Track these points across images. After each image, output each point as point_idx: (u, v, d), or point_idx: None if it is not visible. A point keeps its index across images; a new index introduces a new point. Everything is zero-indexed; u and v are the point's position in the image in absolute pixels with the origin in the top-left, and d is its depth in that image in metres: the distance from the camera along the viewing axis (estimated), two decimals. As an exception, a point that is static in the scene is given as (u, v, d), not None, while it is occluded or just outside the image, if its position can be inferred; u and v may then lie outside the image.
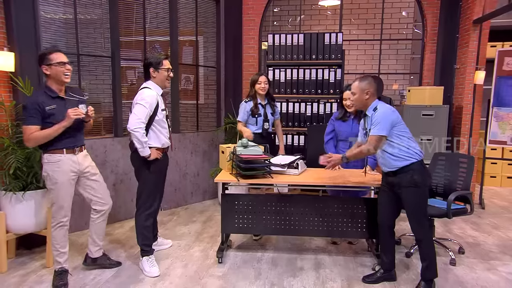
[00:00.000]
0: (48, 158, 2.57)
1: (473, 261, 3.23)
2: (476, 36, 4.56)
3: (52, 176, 2.59)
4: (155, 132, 2.87)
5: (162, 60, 2.86)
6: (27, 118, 2.45)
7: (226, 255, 3.29)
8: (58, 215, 2.67)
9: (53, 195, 2.64)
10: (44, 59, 2.47)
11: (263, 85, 3.65)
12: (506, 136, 4.68)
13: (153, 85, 2.89)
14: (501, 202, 5.19)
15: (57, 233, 2.69)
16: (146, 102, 2.74)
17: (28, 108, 2.45)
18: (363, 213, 3.11)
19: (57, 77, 2.50)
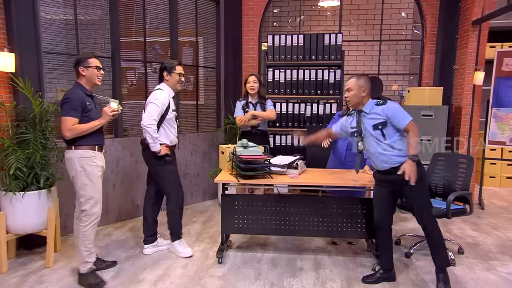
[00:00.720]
0: (83, 153, 2.65)
1: (472, 261, 3.23)
2: (475, 37, 4.56)
3: (89, 171, 2.66)
4: (165, 130, 3.13)
5: (175, 65, 3.14)
6: (70, 110, 2.58)
7: (226, 255, 3.29)
8: (96, 210, 2.71)
9: (88, 191, 2.67)
10: (83, 61, 2.67)
11: (251, 84, 3.88)
12: (505, 137, 4.68)
13: (166, 87, 3.16)
14: (500, 202, 5.20)
15: (91, 232, 2.72)
16: (159, 101, 3.02)
17: (73, 100, 2.58)
18: (362, 213, 3.11)
19: (91, 79, 2.69)
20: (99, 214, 2.74)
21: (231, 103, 5.10)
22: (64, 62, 3.71)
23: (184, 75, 3.22)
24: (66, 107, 2.59)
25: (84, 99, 2.64)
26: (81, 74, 2.67)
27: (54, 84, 3.72)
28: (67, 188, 3.68)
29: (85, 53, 2.76)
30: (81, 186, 2.67)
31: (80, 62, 2.67)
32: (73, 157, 2.65)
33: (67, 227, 3.74)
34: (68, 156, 2.68)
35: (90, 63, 2.67)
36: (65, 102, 2.59)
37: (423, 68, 5.12)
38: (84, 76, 2.68)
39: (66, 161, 2.71)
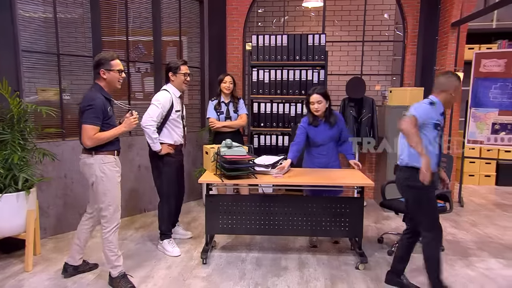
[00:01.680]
0: (104, 158, 2.58)
1: (452, 258, 3.30)
2: (455, 39, 4.66)
3: (110, 176, 2.60)
4: (168, 130, 3.25)
5: (180, 65, 3.21)
6: (92, 118, 2.48)
7: (210, 256, 3.27)
8: (117, 216, 2.67)
9: (109, 197, 2.60)
10: (106, 64, 2.54)
11: (227, 84, 3.94)
12: (483, 136, 4.80)
13: (171, 87, 3.26)
14: (479, 200, 5.33)
15: (114, 237, 2.67)
16: (159, 102, 3.13)
17: (96, 107, 2.48)
18: (346, 212, 3.14)
19: (112, 82, 2.60)
20: (119, 220, 2.69)
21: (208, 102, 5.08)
22: (44, 61, 3.62)
23: (190, 74, 3.28)
24: (88, 114, 2.48)
25: (105, 105, 2.55)
26: (102, 77, 2.57)
27: (34, 84, 3.63)
28: (47, 189, 3.61)
29: (107, 54, 2.58)
30: (102, 192, 2.59)
31: (102, 65, 2.54)
32: (94, 162, 2.57)
33: (48, 230, 3.66)
34: (88, 162, 2.58)
35: (112, 66, 2.55)
36: (88, 108, 2.48)
37: (405, 69, 5.21)
38: (105, 80, 2.57)
39: (85, 167, 2.62)
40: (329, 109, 3.31)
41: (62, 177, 3.72)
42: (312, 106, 3.26)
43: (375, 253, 3.36)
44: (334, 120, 3.32)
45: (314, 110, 3.26)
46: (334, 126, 3.34)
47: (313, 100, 3.24)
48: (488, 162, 6.19)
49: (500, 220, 4.40)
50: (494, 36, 6.33)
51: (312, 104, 3.26)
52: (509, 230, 4.04)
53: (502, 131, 4.69)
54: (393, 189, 3.73)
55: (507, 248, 3.54)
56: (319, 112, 3.26)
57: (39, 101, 3.61)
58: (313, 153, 3.45)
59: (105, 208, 2.62)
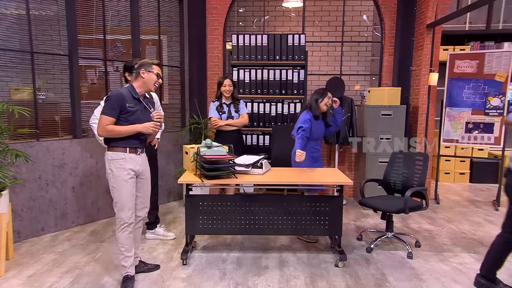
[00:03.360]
0: (112, 155, 2.61)
1: (428, 254, 3.38)
2: (430, 40, 4.78)
3: (116, 174, 2.60)
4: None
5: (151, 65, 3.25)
6: (108, 109, 2.55)
7: (190, 256, 3.25)
8: (122, 215, 2.64)
9: (116, 194, 2.63)
10: (147, 66, 2.67)
11: (227, 88, 3.98)
12: (457, 135, 4.94)
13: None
14: (454, 197, 5.48)
15: (121, 235, 2.65)
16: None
17: (112, 99, 2.55)
18: (325, 211, 3.17)
19: (148, 83, 2.68)
20: (128, 222, 2.64)
21: (195, 103, 5.03)
22: (18, 59, 3.52)
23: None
24: (105, 106, 2.56)
25: (125, 100, 2.58)
26: (141, 76, 2.66)
27: (6, 83, 3.52)
28: (21, 191, 3.50)
29: (149, 60, 2.76)
30: (110, 189, 2.66)
31: (143, 66, 2.68)
32: (105, 158, 2.65)
33: (21, 233, 3.55)
34: (105, 157, 2.67)
35: (153, 69, 2.70)
36: (106, 100, 2.58)
37: (383, 69, 5.30)
38: (143, 79, 2.66)
39: (105, 161, 2.68)
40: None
41: (36, 178, 3.62)
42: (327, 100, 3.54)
43: (354, 251, 3.41)
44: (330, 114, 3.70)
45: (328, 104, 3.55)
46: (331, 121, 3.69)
47: (330, 95, 3.56)
48: (463, 160, 6.37)
49: (474, 216, 4.54)
50: (467, 38, 6.53)
51: (328, 98, 3.54)
52: (482, 226, 4.17)
53: (475, 130, 4.84)
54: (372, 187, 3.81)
55: (479, 243, 3.66)
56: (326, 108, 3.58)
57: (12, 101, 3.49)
58: (309, 147, 3.55)
59: (114, 204, 2.66)
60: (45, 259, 3.19)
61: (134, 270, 2.77)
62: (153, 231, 3.68)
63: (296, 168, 3.52)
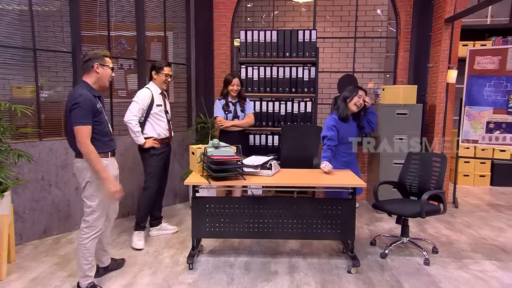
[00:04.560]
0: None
1: (446, 260, 3.34)
2: (448, 35, 4.72)
3: (98, 183, 2.57)
4: (151, 124, 3.56)
5: (163, 66, 3.57)
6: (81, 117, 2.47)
7: (197, 261, 3.25)
8: (98, 224, 2.65)
9: (96, 202, 2.61)
10: (100, 59, 2.62)
11: (235, 87, 4.03)
12: (478, 135, 4.87)
13: (152, 85, 3.61)
14: (473, 200, 5.41)
15: (92, 244, 2.65)
16: (138, 99, 3.48)
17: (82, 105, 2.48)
18: (337, 214, 3.15)
19: (103, 78, 2.65)
20: (101, 227, 2.69)
21: (202, 102, 5.05)
22: (20, 56, 3.56)
23: (171, 76, 3.64)
24: (77, 114, 2.44)
25: (93, 101, 2.52)
26: (95, 71, 2.58)
27: (8, 81, 3.57)
28: (23, 192, 3.55)
29: (101, 51, 2.65)
30: (88, 197, 2.60)
31: (96, 59, 2.58)
32: (85, 166, 2.56)
33: (23, 236, 3.59)
34: (79, 166, 2.59)
35: (106, 62, 2.62)
36: (75, 107, 2.44)
37: (398, 66, 5.26)
38: (97, 74, 2.59)
39: (76, 170, 2.62)
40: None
41: (39, 179, 3.66)
42: (357, 100, 3.37)
43: (367, 256, 3.39)
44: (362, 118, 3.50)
45: (359, 104, 3.38)
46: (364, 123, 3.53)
47: (361, 93, 3.39)
48: (483, 162, 6.29)
49: (495, 221, 4.47)
50: (488, 33, 6.43)
51: (359, 98, 3.37)
52: (504, 232, 4.11)
53: (497, 130, 4.76)
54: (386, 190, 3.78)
55: (502, 250, 3.60)
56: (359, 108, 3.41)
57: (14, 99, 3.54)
58: (340, 151, 3.46)
59: (89, 213, 2.62)
60: (48, 262, 3.23)
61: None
62: (159, 227, 3.87)
63: (307, 169, 3.51)
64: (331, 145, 3.36)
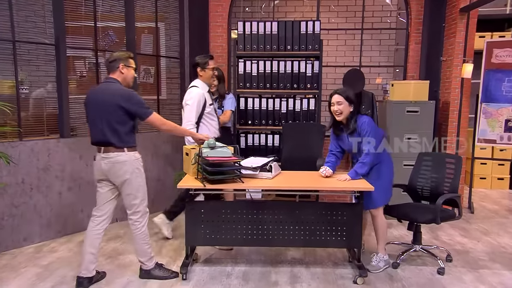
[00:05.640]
0: (136, 155, 2.94)
1: (461, 270, 3.33)
2: (463, 26, 4.72)
3: (142, 172, 2.97)
4: (205, 125, 3.65)
5: (208, 60, 3.60)
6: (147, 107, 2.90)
7: (191, 270, 3.25)
8: (147, 209, 3.05)
9: (142, 192, 2.98)
10: (125, 60, 2.92)
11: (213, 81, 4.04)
12: (495, 134, 4.87)
13: (200, 83, 3.64)
14: (491, 205, 5.40)
15: (147, 228, 3.04)
16: (193, 101, 3.51)
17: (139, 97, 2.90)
18: (343, 220, 3.14)
19: (128, 79, 2.96)
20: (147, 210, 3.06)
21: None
22: (-2, 48, 3.56)
23: (216, 69, 3.74)
24: (141, 106, 2.85)
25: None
26: (120, 72, 2.90)
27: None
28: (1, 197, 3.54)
29: (125, 53, 3.00)
30: (137, 188, 2.93)
31: (121, 60, 2.89)
32: (127, 159, 2.86)
33: (1, 244, 3.59)
34: (121, 159, 2.85)
35: (130, 63, 2.95)
36: (135, 97, 2.84)
37: (408, 60, 5.26)
38: (122, 74, 2.91)
39: (116, 165, 2.85)
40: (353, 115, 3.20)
41: (19, 182, 3.65)
42: (332, 108, 3.20)
43: (376, 266, 3.38)
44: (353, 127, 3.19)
45: (333, 112, 3.20)
46: (355, 134, 3.22)
47: (333, 101, 3.20)
48: (501, 164, 6.28)
49: (514, 227, 4.47)
50: (507, 23, 6.41)
51: (333, 106, 3.19)
52: (524, 239, 4.11)
53: (516, 128, 4.76)
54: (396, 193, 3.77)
55: (522, 258, 3.60)
56: (341, 117, 3.19)
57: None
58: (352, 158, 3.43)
59: (139, 204, 2.96)
60: (28, 273, 3.21)
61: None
62: (168, 222, 3.96)
63: (310, 172, 3.50)
64: (333, 151, 3.37)
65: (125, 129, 2.83)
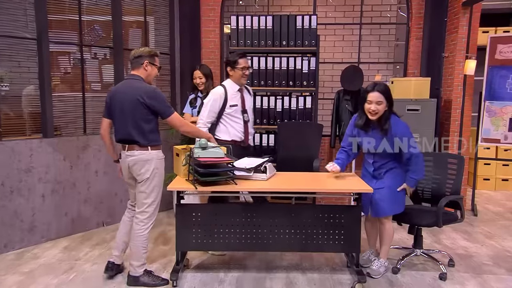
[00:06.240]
0: (158, 154, 3.03)
1: (464, 276, 3.34)
2: (466, 20, 4.74)
3: (161, 173, 3.06)
4: (224, 125, 3.63)
5: (238, 59, 3.58)
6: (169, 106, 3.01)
7: (182, 277, 3.23)
8: (156, 213, 3.10)
9: (156, 193, 3.05)
10: (151, 58, 3.01)
11: (197, 80, 4.10)
12: (499, 134, 4.89)
13: (228, 82, 3.65)
14: (495, 207, 5.43)
15: (149, 232, 3.06)
16: (209, 101, 3.57)
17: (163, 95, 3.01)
18: (340, 224, 3.14)
19: (150, 76, 3.06)
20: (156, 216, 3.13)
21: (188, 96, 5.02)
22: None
23: (249, 67, 3.63)
24: (163, 104, 2.93)
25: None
26: (144, 69, 3.00)
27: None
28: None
29: (152, 49, 3.09)
30: (152, 188, 3.01)
31: (147, 57, 2.99)
32: (150, 158, 2.97)
33: None
34: (144, 158, 2.95)
35: (155, 61, 3.05)
36: (159, 96, 2.93)
37: (409, 56, 5.28)
38: (146, 72, 3.01)
39: (138, 163, 2.95)
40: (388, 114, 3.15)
41: (-1, 185, 3.63)
42: (368, 106, 3.09)
43: (375, 271, 3.38)
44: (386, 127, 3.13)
45: (369, 112, 3.10)
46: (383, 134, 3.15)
47: (371, 98, 3.08)
48: (506, 164, 6.32)
49: (519, 230, 4.50)
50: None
51: (369, 104, 3.09)
52: (529, 242, 4.13)
53: (521, 127, 4.78)
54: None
55: (527, 262, 3.62)
56: (376, 117, 3.10)
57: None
58: (365, 157, 3.37)
59: (150, 204, 3.02)
60: (8, 281, 3.18)
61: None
62: None
63: (307, 173, 3.50)
64: (345, 148, 3.33)
65: (149, 127, 2.94)
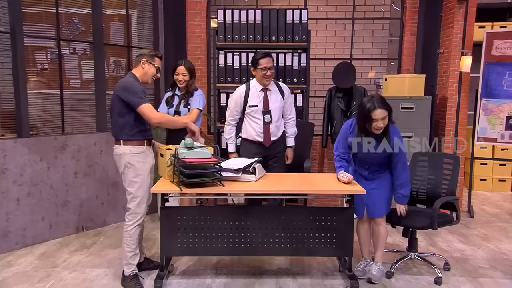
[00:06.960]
0: (131, 149, 3.09)
1: (460, 279, 3.39)
2: (462, 15, 4.80)
3: (137, 168, 3.10)
4: (245, 124, 3.80)
5: (258, 59, 3.63)
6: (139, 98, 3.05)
7: (166, 283, 3.24)
8: (140, 211, 3.15)
9: (135, 189, 3.11)
10: (149, 57, 3.18)
11: (180, 77, 3.91)
12: (496, 132, 4.96)
13: (253, 81, 3.77)
14: (492, 209, 5.52)
15: (135, 232, 3.15)
16: (230, 102, 3.84)
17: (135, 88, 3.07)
18: (332, 226, 3.17)
19: (147, 75, 3.20)
20: (143, 214, 3.19)
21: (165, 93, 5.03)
22: None
23: (269, 68, 3.64)
24: (133, 96, 2.99)
25: (142, 88, 3.11)
26: (141, 66, 3.16)
27: None
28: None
29: (154, 51, 3.31)
30: (129, 183, 3.12)
31: (145, 55, 3.16)
32: (121, 152, 3.08)
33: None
34: (117, 152, 3.11)
35: (154, 61, 3.19)
36: (132, 92, 3.00)
37: (403, 52, 5.34)
38: (142, 69, 3.16)
39: (115, 157, 3.15)
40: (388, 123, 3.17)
41: (-28, 188, 3.59)
42: (375, 124, 3.06)
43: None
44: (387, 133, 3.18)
45: (375, 129, 3.09)
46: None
47: (376, 117, 3.03)
48: (503, 164, 6.41)
49: (516, 232, 4.58)
50: (509, 12, 6.52)
51: (376, 122, 3.04)
52: (526, 244, 4.21)
53: (518, 126, 4.86)
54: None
55: (524, 265, 3.69)
56: (381, 131, 3.12)
57: None
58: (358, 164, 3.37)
59: (129, 200, 3.13)
60: (-18, 289, 3.16)
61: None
62: None
63: (296, 174, 3.52)
64: (342, 156, 3.30)
65: (123, 121, 3.04)
